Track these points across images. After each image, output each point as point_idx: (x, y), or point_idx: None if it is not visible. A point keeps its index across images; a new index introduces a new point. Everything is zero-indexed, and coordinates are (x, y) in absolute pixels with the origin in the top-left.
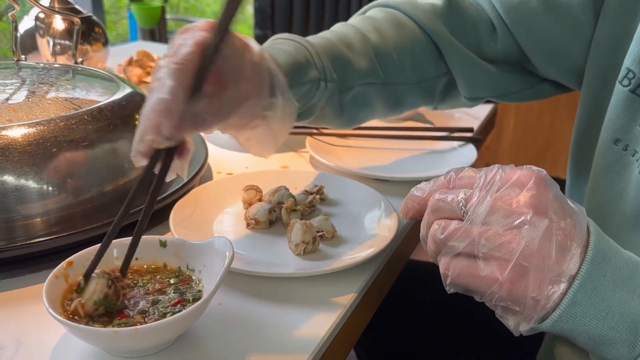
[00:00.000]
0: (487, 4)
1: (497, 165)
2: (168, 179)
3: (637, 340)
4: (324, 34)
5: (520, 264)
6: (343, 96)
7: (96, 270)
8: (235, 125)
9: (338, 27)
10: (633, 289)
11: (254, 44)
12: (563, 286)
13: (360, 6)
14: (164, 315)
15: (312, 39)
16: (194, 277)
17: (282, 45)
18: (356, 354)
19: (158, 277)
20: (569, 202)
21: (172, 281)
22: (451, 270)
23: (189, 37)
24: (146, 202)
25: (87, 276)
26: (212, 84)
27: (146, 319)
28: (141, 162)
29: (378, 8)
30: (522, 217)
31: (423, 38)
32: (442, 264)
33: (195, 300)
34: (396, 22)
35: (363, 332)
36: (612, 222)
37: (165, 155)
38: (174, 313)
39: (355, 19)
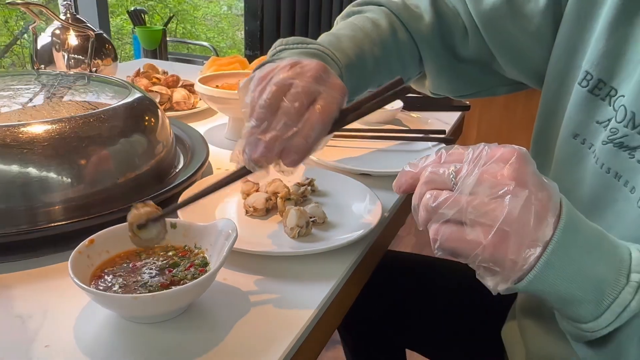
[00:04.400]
0: (462, 9)
1: (483, 143)
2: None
3: (602, 300)
4: (347, 48)
5: (502, 229)
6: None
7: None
8: None
9: (347, 27)
10: (599, 256)
11: None
12: (538, 250)
13: None
14: (178, 284)
15: (342, 57)
16: (202, 255)
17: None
18: (339, 332)
19: (171, 252)
20: (544, 178)
21: (173, 255)
22: (440, 235)
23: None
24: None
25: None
26: None
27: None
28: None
29: (376, 9)
30: (505, 188)
31: (412, 45)
32: (432, 230)
33: (202, 267)
34: (392, 29)
35: (348, 310)
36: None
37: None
38: (185, 281)
39: (363, 21)
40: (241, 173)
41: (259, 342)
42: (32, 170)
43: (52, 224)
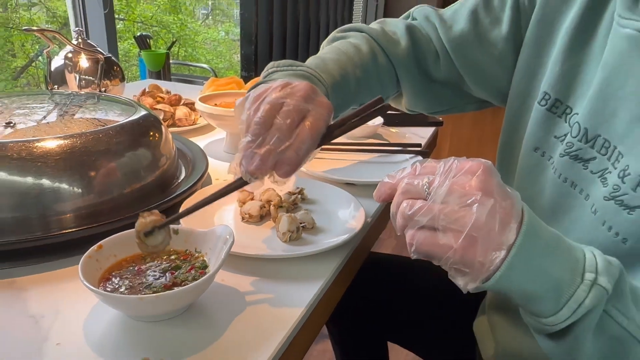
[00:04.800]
0: (434, 36)
1: (453, 157)
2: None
3: (560, 297)
4: (333, 70)
5: (470, 234)
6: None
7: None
8: None
9: (332, 51)
10: (557, 257)
11: None
12: (503, 253)
13: None
14: (179, 285)
15: (328, 78)
16: (202, 259)
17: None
18: (327, 327)
19: (173, 256)
20: (508, 188)
21: (175, 258)
22: (415, 240)
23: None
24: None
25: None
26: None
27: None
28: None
29: (359, 35)
30: (473, 197)
31: (391, 68)
32: (408, 235)
33: (202, 269)
34: (370, 48)
35: (335, 307)
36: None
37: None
38: (186, 282)
39: (346, 46)
40: (238, 184)
41: (254, 337)
42: (46, 182)
43: (64, 231)
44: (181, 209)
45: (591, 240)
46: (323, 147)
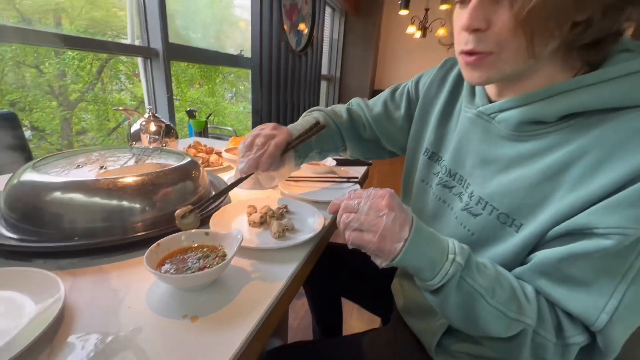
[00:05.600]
0: (362, 114)
1: (371, 187)
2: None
3: (434, 269)
4: (299, 124)
5: (382, 234)
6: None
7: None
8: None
9: (306, 121)
10: (433, 245)
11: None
12: (401, 244)
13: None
14: (209, 267)
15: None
16: (223, 250)
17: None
18: (304, 288)
19: (205, 249)
20: (404, 205)
21: (206, 250)
22: (350, 237)
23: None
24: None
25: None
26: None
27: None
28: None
29: (319, 112)
30: (383, 211)
31: (336, 130)
32: (347, 234)
33: (223, 257)
34: (326, 121)
35: (307, 276)
36: (422, 219)
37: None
38: (212, 266)
39: (310, 119)
40: (239, 180)
41: (255, 298)
42: (125, 203)
43: (136, 234)
44: (212, 218)
45: (454, 235)
46: (298, 177)
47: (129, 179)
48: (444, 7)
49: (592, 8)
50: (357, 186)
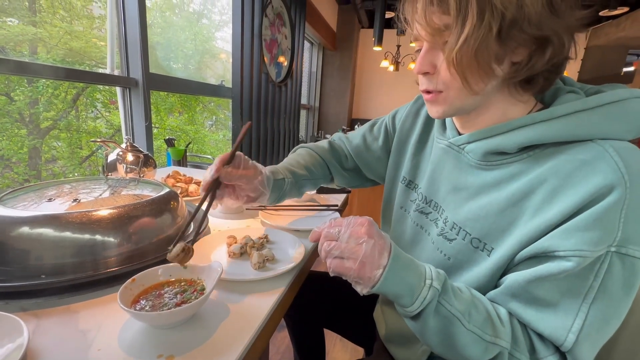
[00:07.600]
0: (344, 146)
1: (351, 216)
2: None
3: (413, 295)
4: (286, 161)
5: (362, 261)
6: (294, 185)
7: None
8: (244, 197)
9: (291, 157)
10: (411, 271)
11: (259, 167)
12: (380, 271)
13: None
14: (186, 303)
15: (281, 165)
16: (202, 284)
17: (275, 171)
18: (284, 319)
19: (183, 283)
20: (382, 232)
21: (184, 285)
22: (332, 265)
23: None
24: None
25: (175, 244)
26: (239, 179)
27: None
28: (205, 189)
29: (303, 149)
30: (363, 239)
31: (322, 162)
32: (328, 262)
33: (201, 291)
34: (312, 154)
35: (288, 308)
36: (400, 245)
37: (213, 192)
38: (190, 301)
39: (293, 154)
40: (205, 195)
41: (235, 333)
42: (98, 237)
43: (108, 270)
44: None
45: (431, 260)
46: (279, 207)
47: (104, 212)
48: (413, 44)
49: (520, 51)
50: (337, 214)
